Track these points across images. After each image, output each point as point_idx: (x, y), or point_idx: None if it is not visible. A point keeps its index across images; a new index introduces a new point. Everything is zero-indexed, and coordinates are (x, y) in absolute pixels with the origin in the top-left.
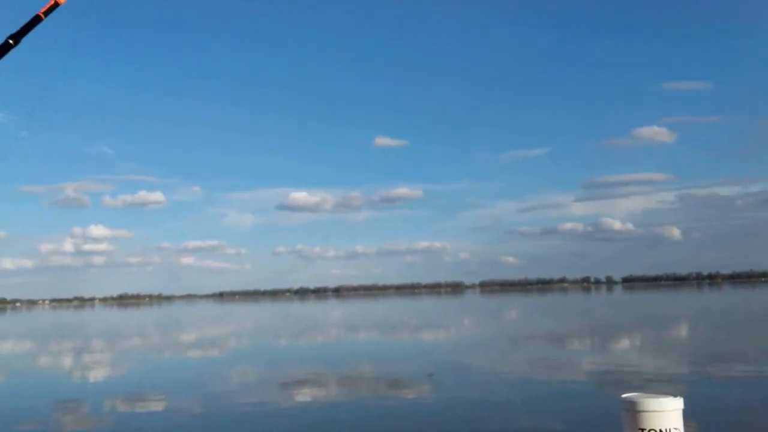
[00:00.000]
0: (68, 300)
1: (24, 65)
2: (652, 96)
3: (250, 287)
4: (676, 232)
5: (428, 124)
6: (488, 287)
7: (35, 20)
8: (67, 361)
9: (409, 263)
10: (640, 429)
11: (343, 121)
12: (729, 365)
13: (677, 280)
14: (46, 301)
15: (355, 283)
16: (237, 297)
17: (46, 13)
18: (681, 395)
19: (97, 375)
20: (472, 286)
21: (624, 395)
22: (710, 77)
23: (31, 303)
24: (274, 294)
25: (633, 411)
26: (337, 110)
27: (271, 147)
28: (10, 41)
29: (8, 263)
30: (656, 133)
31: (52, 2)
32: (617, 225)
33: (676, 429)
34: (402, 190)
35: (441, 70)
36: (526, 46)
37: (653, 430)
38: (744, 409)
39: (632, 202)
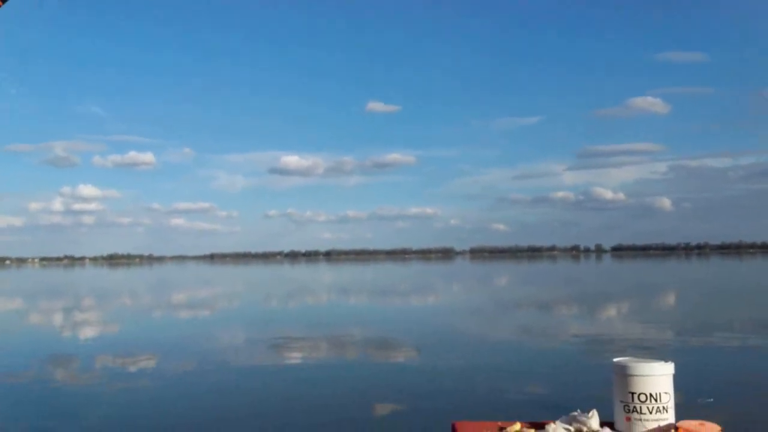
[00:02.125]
0: (58, 259)
1: (13, 20)
2: (646, 66)
3: (241, 250)
4: (666, 203)
5: (421, 90)
6: (478, 254)
7: None
8: (58, 320)
9: (400, 228)
10: (630, 393)
11: (336, 85)
12: (716, 333)
13: (666, 250)
14: (36, 260)
15: (346, 247)
16: (227, 259)
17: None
18: (671, 360)
19: (88, 333)
20: (462, 253)
21: (615, 359)
22: (705, 48)
23: (21, 261)
24: (264, 257)
25: (624, 375)
26: (330, 74)
27: (263, 110)
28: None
29: None
30: (650, 103)
31: None
32: (608, 194)
33: (666, 393)
34: (394, 156)
35: (435, 34)
36: (521, 11)
37: (644, 394)
38: (731, 374)
39: (624, 172)
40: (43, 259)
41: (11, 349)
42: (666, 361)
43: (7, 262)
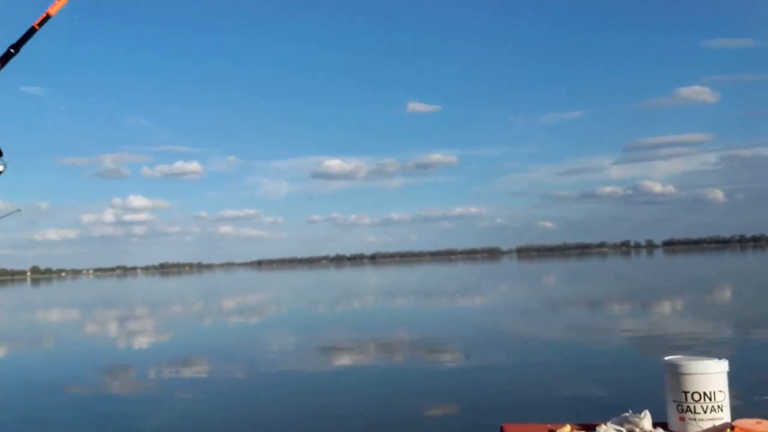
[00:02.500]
0: (111, 269)
1: (62, 34)
2: (693, 54)
3: (287, 255)
4: (718, 194)
5: (461, 89)
6: (525, 252)
7: (31, 32)
8: (113, 329)
9: (445, 229)
10: (683, 392)
11: (376, 87)
12: None
13: (720, 243)
14: (90, 271)
15: (391, 250)
16: (274, 265)
17: (40, 24)
18: (725, 358)
19: (142, 342)
20: (509, 252)
21: (667, 358)
22: (753, 34)
23: (76, 272)
24: (310, 261)
25: (676, 373)
26: (370, 76)
27: (304, 115)
28: (12, 50)
29: (52, 234)
30: (698, 92)
31: (44, 15)
32: (658, 188)
33: (720, 392)
34: (436, 156)
35: (474, 33)
36: (563, 5)
37: (697, 392)
38: None
39: (673, 164)
40: (96, 270)
41: (70, 358)
42: (720, 358)
43: (63, 273)
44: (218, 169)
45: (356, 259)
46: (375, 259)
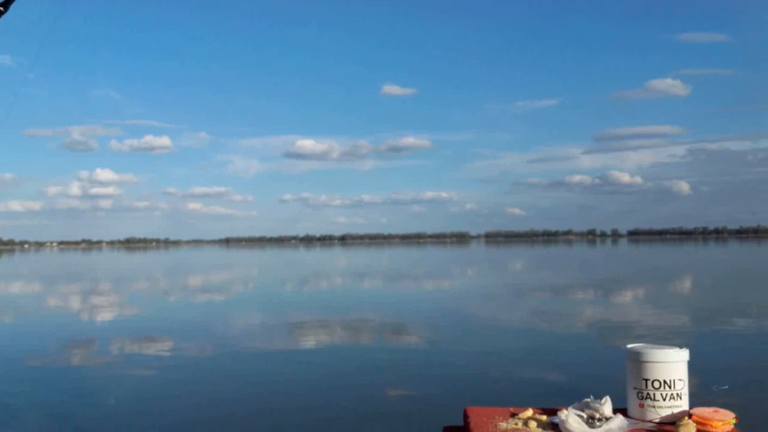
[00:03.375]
0: (76, 243)
1: (29, 5)
2: (666, 47)
3: (256, 234)
4: (684, 186)
5: (437, 73)
6: (493, 238)
7: None
8: (76, 303)
9: (415, 213)
10: (644, 379)
11: (352, 68)
12: (732, 319)
13: (683, 234)
14: (54, 243)
15: (361, 231)
16: (243, 243)
17: None
18: (686, 347)
19: (105, 316)
20: (478, 237)
21: (629, 345)
22: (726, 29)
23: (39, 245)
24: (280, 241)
25: (638, 361)
26: (346, 57)
27: (278, 94)
28: (1, 8)
29: (16, 205)
30: (669, 85)
31: None
32: (626, 178)
33: (680, 380)
34: (409, 140)
35: (452, 17)
36: None
37: (658, 380)
38: (747, 361)
39: (642, 156)
40: (61, 242)
41: (30, 331)
42: (681, 347)
43: (26, 246)
44: (188, 144)
45: (326, 240)
46: (345, 240)
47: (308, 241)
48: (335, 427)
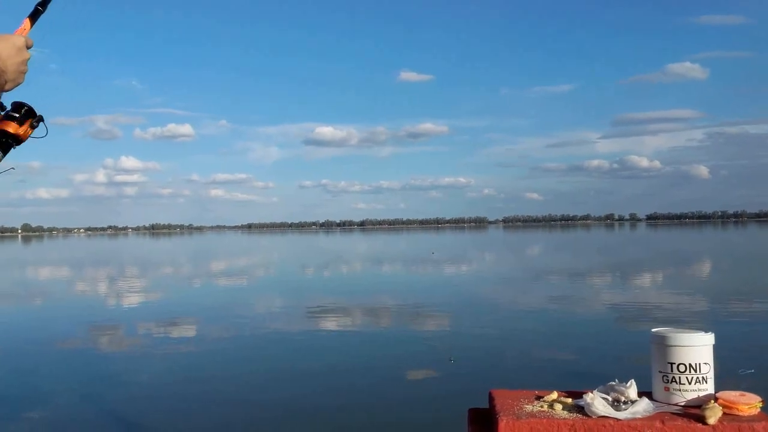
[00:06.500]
0: (102, 229)
1: None
2: (684, 30)
3: (277, 220)
4: (703, 171)
5: (453, 59)
6: (511, 223)
7: None
8: (104, 287)
9: (433, 198)
10: (669, 363)
11: (369, 55)
12: (756, 302)
13: (702, 218)
14: (81, 230)
15: (380, 217)
16: (264, 228)
17: None
18: (711, 331)
19: (132, 300)
20: (496, 222)
21: (654, 329)
22: (746, 11)
23: (67, 231)
24: (300, 226)
25: (663, 345)
26: (363, 45)
27: (297, 81)
28: (39, 8)
29: (44, 193)
30: (688, 69)
31: None
32: (644, 162)
33: (706, 364)
34: (427, 126)
35: (467, 3)
36: None
37: (683, 364)
38: None
39: (660, 140)
40: (88, 229)
41: (60, 315)
42: (706, 331)
43: (54, 232)
44: (210, 132)
45: (345, 226)
46: (364, 225)
47: (328, 226)
48: (360, 409)
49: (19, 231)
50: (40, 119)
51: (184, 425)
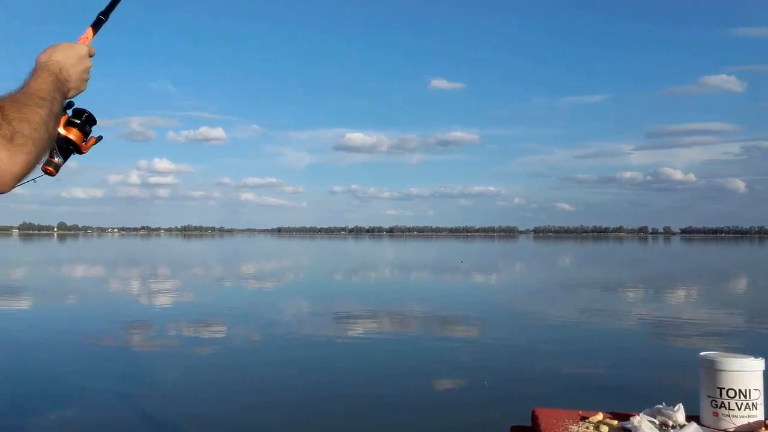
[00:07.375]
0: (135, 229)
1: None
2: (720, 42)
3: (307, 224)
4: (739, 184)
5: (485, 68)
6: (542, 233)
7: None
8: (137, 287)
9: (463, 206)
10: (718, 388)
11: (401, 63)
12: None
13: (738, 233)
14: (115, 230)
15: (409, 224)
16: (294, 233)
17: None
18: (760, 354)
19: (163, 300)
20: (526, 232)
21: (702, 353)
22: None
23: (101, 230)
24: (329, 231)
25: (712, 369)
26: (395, 52)
27: (328, 87)
28: (102, 17)
29: (79, 192)
30: (724, 81)
31: None
32: (678, 175)
33: (756, 390)
34: (457, 134)
35: (501, 11)
36: None
37: (733, 389)
38: None
39: (695, 153)
40: (121, 228)
41: (92, 314)
42: (756, 356)
43: (89, 231)
44: (241, 136)
45: (374, 232)
46: (393, 232)
47: (357, 232)
48: (404, 419)
49: (55, 229)
50: (100, 138)
51: (213, 429)
